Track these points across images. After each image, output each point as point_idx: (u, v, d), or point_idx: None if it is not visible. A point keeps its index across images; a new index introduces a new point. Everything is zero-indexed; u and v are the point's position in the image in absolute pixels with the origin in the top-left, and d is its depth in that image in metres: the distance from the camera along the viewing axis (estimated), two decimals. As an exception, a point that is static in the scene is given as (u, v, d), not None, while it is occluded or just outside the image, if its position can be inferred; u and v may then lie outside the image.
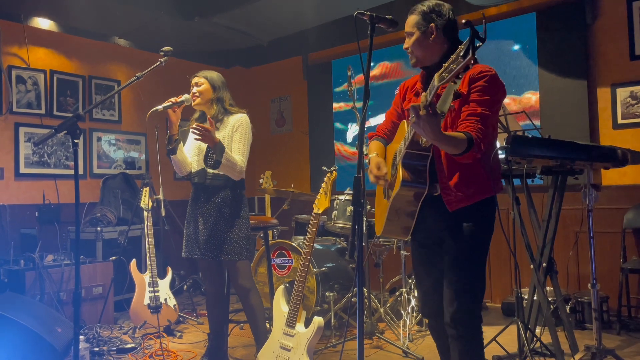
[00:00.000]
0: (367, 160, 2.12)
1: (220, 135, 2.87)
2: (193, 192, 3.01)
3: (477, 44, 1.50)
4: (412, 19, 1.99)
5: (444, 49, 1.96)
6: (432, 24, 1.95)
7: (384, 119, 2.29)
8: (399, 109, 2.20)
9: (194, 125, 2.69)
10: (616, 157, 2.55)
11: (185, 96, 2.85)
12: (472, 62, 1.52)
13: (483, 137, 1.81)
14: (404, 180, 1.88)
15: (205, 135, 2.65)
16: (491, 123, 1.89)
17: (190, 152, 2.99)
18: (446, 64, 1.60)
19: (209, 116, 2.91)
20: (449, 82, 1.61)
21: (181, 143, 2.93)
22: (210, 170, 2.88)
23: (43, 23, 4.95)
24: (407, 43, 2.01)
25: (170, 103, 2.78)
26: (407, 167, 1.90)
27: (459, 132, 1.82)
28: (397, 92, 2.28)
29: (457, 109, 1.89)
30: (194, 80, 2.94)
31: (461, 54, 1.54)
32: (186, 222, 3.01)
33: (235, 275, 2.91)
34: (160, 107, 2.76)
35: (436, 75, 1.64)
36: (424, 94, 1.69)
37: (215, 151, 2.73)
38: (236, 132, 2.87)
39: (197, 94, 2.89)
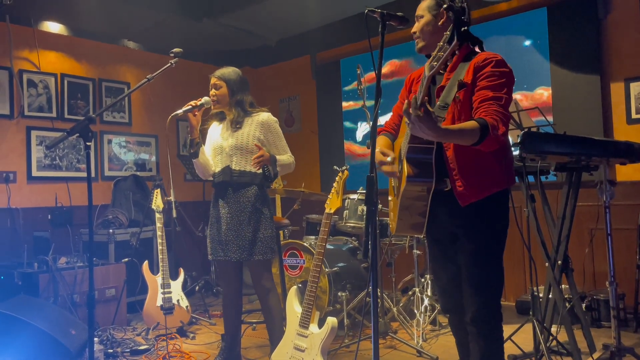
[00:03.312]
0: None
1: (243, 132, 2.88)
2: (216, 193, 2.96)
3: (463, 28, 1.49)
4: (425, 3, 1.98)
5: (451, 15, 1.92)
6: (443, 10, 1.93)
7: (392, 113, 2.26)
8: None
9: (253, 161, 2.76)
10: (633, 153, 2.51)
11: (205, 99, 2.84)
12: (457, 47, 1.51)
13: (500, 118, 1.76)
14: (409, 175, 1.84)
15: (263, 160, 2.74)
16: (506, 106, 1.83)
17: (211, 152, 2.98)
18: (434, 53, 1.58)
19: (228, 117, 2.93)
20: (437, 71, 1.59)
21: (202, 146, 2.92)
22: (237, 168, 2.87)
23: (53, 27, 4.98)
24: (416, 27, 1.99)
25: (190, 107, 2.77)
26: (411, 161, 1.85)
27: (468, 121, 1.77)
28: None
29: (462, 100, 1.85)
30: (213, 81, 2.92)
31: (446, 40, 1.53)
32: (210, 224, 2.96)
33: (258, 275, 2.89)
34: (180, 111, 2.75)
35: (426, 65, 1.62)
36: (414, 96, 1.65)
37: (271, 165, 2.78)
38: (269, 133, 2.90)
39: (216, 99, 2.88)
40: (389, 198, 2.21)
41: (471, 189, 1.86)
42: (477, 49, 1.98)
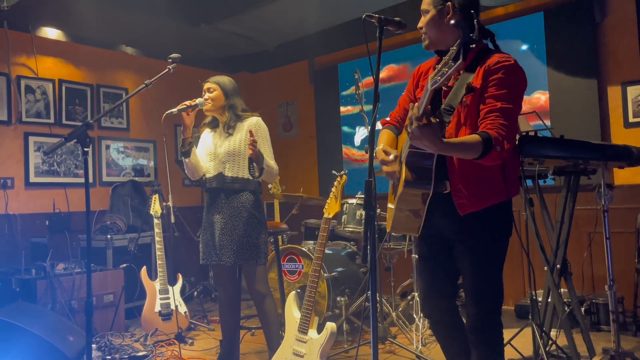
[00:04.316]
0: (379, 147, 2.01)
1: (235, 139, 2.88)
2: (209, 198, 2.97)
3: (471, 46, 1.44)
4: None
5: (459, 32, 1.85)
6: (449, 3, 1.85)
7: (397, 105, 2.19)
8: (412, 95, 2.10)
9: (249, 143, 2.66)
10: (631, 156, 2.51)
11: (199, 100, 2.86)
12: (463, 66, 1.44)
13: (506, 132, 1.68)
14: (407, 180, 1.80)
15: (255, 148, 2.67)
16: (514, 117, 1.75)
17: (204, 158, 2.98)
18: (439, 66, 1.52)
19: (220, 123, 2.93)
20: (441, 86, 1.52)
21: (194, 147, 2.93)
22: (230, 174, 2.87)
23: (51, 33, 4.99)
24: (422, 22, 1.91)
25: (184, 106, 2.79)
26: (410, 166, 1.80)
27: (472, 134, 1.71)
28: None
29: (469, 104, 1.78)
30: (206, 85, 2.94)
31: (452, 56, 1.47)
32: (203, 229, 2.98)
33: (252, 281, 2.89)
34: (174, 110, 2.77)
35: (429, 79, 1.56)
36: (415, 105, 1.59)
37: (257, 161, 2.73)
38: (257, 137, 2.84)
39: (209, 100, 2.89)
40: (389, 196, 2.14)
41: (471, 198, 1.81)
42: (490, 45, 1.92)
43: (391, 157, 1.92)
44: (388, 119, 2.20)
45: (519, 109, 1.80)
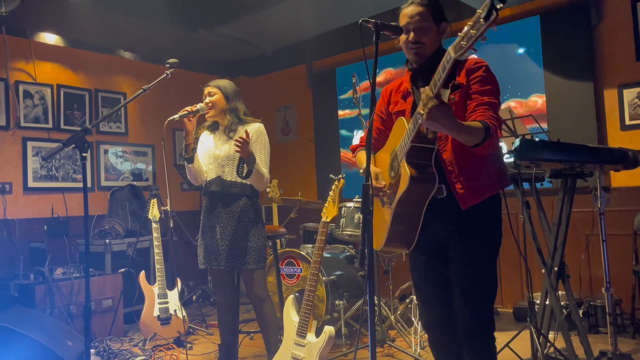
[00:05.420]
0: (361, 171, 1.97)
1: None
2: (208, 202, 2.96)
3: (498, 5, 1.41)
4: (424, 11, 1.89)
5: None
6: (445, 22, 1.93)
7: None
8: (384, 114, 2.12)
9: (235, 139, 2.66)
10: (627, 159, 2.52)
11: (200, 105, 2.85)
12: (494, 23, 1.42)
13: (497, 123, 1.77)
14: (412, 176, 1.77)
15: (245, 148, 2.64)
16: (498, 111, 1.85)
17: (204, 160, 2.98)
18: (462, 33, 1.49)
19: (221, 126, 2.92)
20: (467, 51, 1.51)
21: (197, 152, 2.93)
22: (229, 178, 2.87)
23: (49, 38, 5.00)
24: (423, 37, 1.90)
25: (185, 112, 2.78)
26: (412, 163, 1.80)
27: (472, 121, 1.76)
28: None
29: (457, 101, 1.84)
30: (207, 90, 2.93)
31: (482, 16, 1.41)
32: (201, 233, 2.97)
33: (251, 285, 2.89)
34: (176, 116, 2.76)
35: (451, 48, 1.54)
36: (426, 87, 1.60)
37: (248, 162, 2.72)
38: (256, 143, 2.85)
39: (210, 105, 2.89)
40: (374, 216, 2.13)
41: (471, 191, 1.83)
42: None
43: (382, 184, 1.93)
44: (358, 142, 2.23)
45: (500, 105, 1.90)
